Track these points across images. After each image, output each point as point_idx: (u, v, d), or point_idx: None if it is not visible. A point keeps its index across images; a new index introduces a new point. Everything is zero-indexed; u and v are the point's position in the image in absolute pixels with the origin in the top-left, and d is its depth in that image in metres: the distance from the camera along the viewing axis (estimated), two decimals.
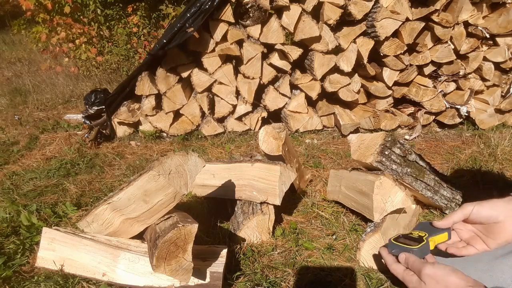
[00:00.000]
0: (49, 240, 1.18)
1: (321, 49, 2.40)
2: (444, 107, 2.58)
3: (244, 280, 1.20)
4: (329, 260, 1.30)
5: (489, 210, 0.83)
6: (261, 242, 1.40)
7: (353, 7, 2.31)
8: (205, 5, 2.21)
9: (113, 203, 1.12)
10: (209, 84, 2.53)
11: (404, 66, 2.51)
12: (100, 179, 2.02)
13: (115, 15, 5.10)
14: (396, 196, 1.28)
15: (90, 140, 2.48)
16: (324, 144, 2.46)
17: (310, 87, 2.55)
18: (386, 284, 1.16)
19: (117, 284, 1.14)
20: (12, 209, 1.58)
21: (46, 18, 4.22)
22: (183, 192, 1.11)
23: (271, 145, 1.50)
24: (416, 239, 0.93)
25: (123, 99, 2.58)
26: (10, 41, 7.30)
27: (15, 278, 1.22)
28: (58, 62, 4.82)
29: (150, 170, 1.05)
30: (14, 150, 2.43)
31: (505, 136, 2.30)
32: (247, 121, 2.64)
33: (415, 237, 0.94)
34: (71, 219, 1.59)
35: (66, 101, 3.65)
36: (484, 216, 0.84)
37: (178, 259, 1.02)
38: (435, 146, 2.36)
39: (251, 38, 2.41)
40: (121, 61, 4.42)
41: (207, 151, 2.39)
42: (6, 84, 4.43)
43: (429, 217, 1.51)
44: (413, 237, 0.95)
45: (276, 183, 1.37)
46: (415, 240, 0.93)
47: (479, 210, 0.85)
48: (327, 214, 1.58)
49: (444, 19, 2.33)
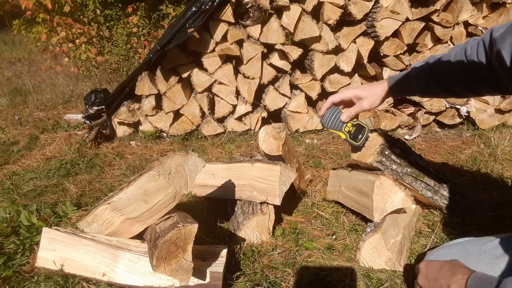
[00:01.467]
0: (49, 240, 1.18)
1: (321, 49, 2.40)
2: (444, 107, 2.58)
3: (244, 280, 1.20)
4: (329, 260, 1.30)
5: (353, 90, 1.22)
6: (261, 242, 1.40)
7: (353, 7, 2.31)
8: (205, 5, 2.21)
9: (113, 203, 1.12)
10: (209, 84, 2.53)
11: (404, 66, 2.51)
12: (100, 179, 2.02)
13: (114, 15, 5.10)
14: (396, 196, 1.28)
15: (90, 140, 2.48)
16: (324, 144, 2.46)
17: (310, 87, 2.55)
18: (386, 284, 1.16)
19: (117, 284, 1.14)
20: (12, 209, 1.58)
21: (46, 18, 4.22)
22: (183, 192, 1.11)
23: (271, 145, 1.50)
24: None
25: (123, 99, 2.58)
26: (10, 41, 7.29)
27: (15, 278, 1.22)
28: (58, 62, 4.81)
29: (150, 170, 1.05)
30: (14, 150, 2.43)
31: (505, 136, 2.30)
32: (247, 121, 2.64)
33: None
34: (71, 219, 1.59)
35: (66, 101, 3.65)
36: (350, 95, 1.24)
37: (178, 259, 1.02)
38: (435, 146, 2.36)
39: (251, 38, 2.41)
40: (121, 61, 4.42)
41: (207, 151, 2.39)
42: (6, 84, 4.43)
43: (429, 217, 1.52)
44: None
45: (276, 183, 1.37)
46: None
47: (347, 92, 1.24)
48: (327, 214, 1.58)
49: (444, 19, 2.33)
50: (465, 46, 0.98)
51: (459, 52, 1.00)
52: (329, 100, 1.25)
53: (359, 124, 1.28)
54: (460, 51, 0.99)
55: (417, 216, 1.46)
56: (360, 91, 1.20)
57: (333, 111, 1.26)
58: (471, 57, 0.95)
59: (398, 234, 1.29)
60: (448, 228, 1.42)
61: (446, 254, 1.03)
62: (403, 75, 1.15)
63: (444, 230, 1.41)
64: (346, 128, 1.26)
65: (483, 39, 0.93)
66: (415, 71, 1.11)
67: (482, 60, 0.93)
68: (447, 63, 1.02)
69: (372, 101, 1.19)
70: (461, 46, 1.01)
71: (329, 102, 1.25)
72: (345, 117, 1.24)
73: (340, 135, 1.28)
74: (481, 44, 0.93)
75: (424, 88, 1.11)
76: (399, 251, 1.26)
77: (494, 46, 0.84)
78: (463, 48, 0.99)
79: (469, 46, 0.97)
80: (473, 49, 0.95)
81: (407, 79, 1.13)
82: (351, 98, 1.22)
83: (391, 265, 1.22)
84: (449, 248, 1.06)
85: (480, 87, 0.99)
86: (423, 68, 1.09)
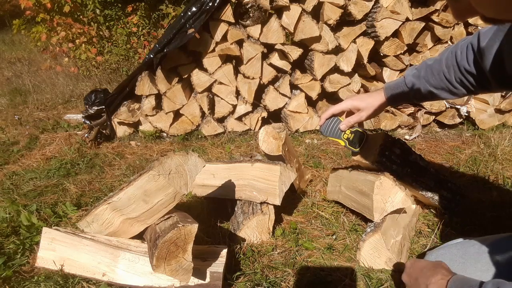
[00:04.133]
0: (49, 240, 1.18)
1: (321, 49, 2.40)
2: (444, 107, 2.58)
3: (244, 280, 1.20)
4: (329, 260, 1.30)
5: (351, 102, 1.24)
6: (261, 242, 1.40)
7: (353, 7, 2.31)
8: (206, 5, 2.21)
9: (113, 203, 1.12)
10: (209, 84, 2.53)
11: (404, 66, 2.51)
12: (100, 179, 2.02)
13: (114, 15, 5.10)
14: (396, 196, 1.28)
15: (90, 140, 2.48)
16: (324, 144, 2.46)
17: (310, 87, 2.55)
18: (386, 284, 1.16)
19: (117, 284, 1.14)
20: (12, 209, 1.58)
21: (46, 18, 4.22)
22: (183, 192, 1.11)
23: (271, 145, 1.50)
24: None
25: (123, 99, 2.58)
26: (10, 41, 7.30)
27: (15, 278, 1.22)
28: (58, 62, 4.81)
29: (150, 170, 1.05)
30: (14, 150, 2.43)
31: (505, 136, 2.30)
32: (247, 121, 2.64)
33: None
34: (71, 219, 1.59)
35: (66, 101, 3.65)
36: (350, 106, 1.25)
37: (178, 259, 1.02)
38: (435, 146, 2.36)
39: (251, 38, 2.41)
40: (121, 61, 4.41)
41: (207, 151, 2.39)
42: (6, 84, 4.43)
43: (429, 217, 1.52)
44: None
45: (276, 183, 1.37)
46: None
47: (347, 103, 1.26)
48: (327, 214, 1.58)
49: (444, 19, 2.33)
50: (455, 50, 1.02)
51: (449, 56, 1.04)
52: (329, 111, 1.27)
53: (358, 131, 1.30)
54: (451, 56, 1.03)
55: (417, 216, 1.46)
56: (359, 101, 1.23)
57: (332, 120, 1.28)
58: (461, 62, 1.00)
59: (398, 234, 1.29)
60: (448, 228, 1.42)
61: (446, 254, 1.03)
62: (398, 88, 1.18)
63: (444, 230, 1.41)
64: (345, 135, 1.29)
65: (471, 42, 0.98)
66: (409, 80, 1.14)
67: (471, 65, 0.98)
68: (439, 69, 1.06)
69: (371, 113, 1.23)
70: (450, 49, 1.05)
71: (329, 113, 1.27)
72: (344, 126, 1.27)
73: (339, 142, 1.30)
74: (470, 48, 0.98)
75: (420, 96, 1.15)
76: (399, 251, 1.26)
77: (483, 54, 0.90)
78: (453, 52, 1.03)
79: (459, 50, 1.01)
80: (463, 53, 0.99)
81: (403, 89, 1.17)
82: (351, 109, 1.26)
83: (391, 265, 1.23)
84: (449, 248, 1.06)
85: (471, 87, 1.03)
86: (417, 77, 1.13)
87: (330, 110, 1.27)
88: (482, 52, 0.91)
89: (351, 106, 1.24)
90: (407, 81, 1.15)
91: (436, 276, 0.85)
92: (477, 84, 1.00)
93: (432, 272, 0.88)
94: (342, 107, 1.26)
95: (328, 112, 1.27)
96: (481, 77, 0.97)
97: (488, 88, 1.00)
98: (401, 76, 1.20)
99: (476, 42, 0.94)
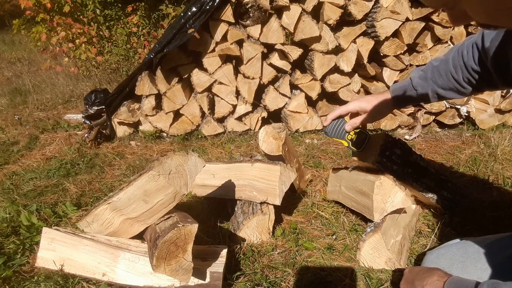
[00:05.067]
0: (49, 240, 1.18)
1: (321, 49, 2.40)
2: (444, 107, 2.58)
3: (244, 280, 1.20)
4: (329, 260, 1.30)
5: (359, 103, 1.23)
6: (261, 242, 1.40)
7: (353, 7, 2.31)
8: (206, 5, 2.21)
9: (113, 203, 1.12)
10: (209, 84, 2.53)
11: (404, 66, 2.51)
12: (100, 179, 2.02)
13: (114, 15, 5.10)
14: (396, 196, 1.28)
15: (90, 140, 2.48)
16: (324, 144, 2.46)
17: (310, 87, 2.55)
18: (386, 284, 1.16)
19: (117, 284, 1.14)
20: (12, 209, 1.58)
21: (46, 18, 4.22)
22: (183, 192, 1.11)
23: (271, 145, 1.50)
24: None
25: (123, 99, 2.58)
26: (10, 41, 7.30)
27: (15, 278, 1.22)
28: (58, 62, 4.81)
29: (150, 170, 1.05)
30: (14, 150, 2.43)
31: (505, 136, 2.30)
32: (247, 121, 2.64)
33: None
34: (71, 219, 1.59)
35: (66, 101, 3.65)
36: (357, 108, 1.25)
37: (178, 259, 1.02)
38: (435, 146, 2.36)
39: (251, 38, 2.41)
40: (121, 61, 4.41)
41: (207, 151, 2.39)
42: (6, 84, 4.43)
43: (429, 217, 1.52)
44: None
45: (276, 183, 1.37)
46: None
47: (354, 105, 1.26)
48: (327, 214, 1.58)
49: (444, 19, 2.33)
50: (462, 50, 1.02)
51: (456, 56, 1.04)
52: (337, 112, 1.27)
53: (361, 132, 1.30)
54: (458, 55, 1.03)
55: (417, 216, 1.46)
56: (366, 103, 1.23)
57: (337, 121, 1.29)
58: (469, 62, 1.00)
59: (398, 234, 1.29)
60: (448, 228, 1.42)
61: (446, 254, 1.03)
62: (405, 90, 1.17)
63: (444, 230, 1.41)
64: (349, 136, 1.29)
65: (476, 42, 0.98)
66: (416, 82, 1.14)
67: (478, 64, 0.98)
68: (446, 69, 1.06)
69: (377, 115, 1.23)
70: (456, 49, 1.05)
71: (336, 114, 1.27)
72: (350, 127, 1.27)
73: (343, 142, 1.31)
74: (475, 47, 0.98)
75: (427, 98, 1.15)
76: (399, 251, 1.26)
77: (488, 54, 0.91)
78: (460, 52, 1.03)
79: (466, 50, 1.01)
80: (469, 53, 1.00)
81: (410, 92, 1.16)
82: (357, 110, 1.26)
83: (391, 265, 1.22)
84: (449, 248, 1.06)
85: (478, 85, 1.03)
86: (424, 78, 1.12)
87: (337, 111, 1.27)
88: (486, 52, 0.92)
89: (358, 108, 1.24)
90: (414, 84, 1.14)
91: (432, 277, 0.86)
92: (485, 83, 1.01)
93: (428, 274, 0.89)
94: (349, 108, 1.26)
95: (335, 113, 1.27)
96: (489, 76, 0.97)
97: (496, 86, 1.00)
98: (407, 79, 1.19)
99: (480, 41, 0.95)
